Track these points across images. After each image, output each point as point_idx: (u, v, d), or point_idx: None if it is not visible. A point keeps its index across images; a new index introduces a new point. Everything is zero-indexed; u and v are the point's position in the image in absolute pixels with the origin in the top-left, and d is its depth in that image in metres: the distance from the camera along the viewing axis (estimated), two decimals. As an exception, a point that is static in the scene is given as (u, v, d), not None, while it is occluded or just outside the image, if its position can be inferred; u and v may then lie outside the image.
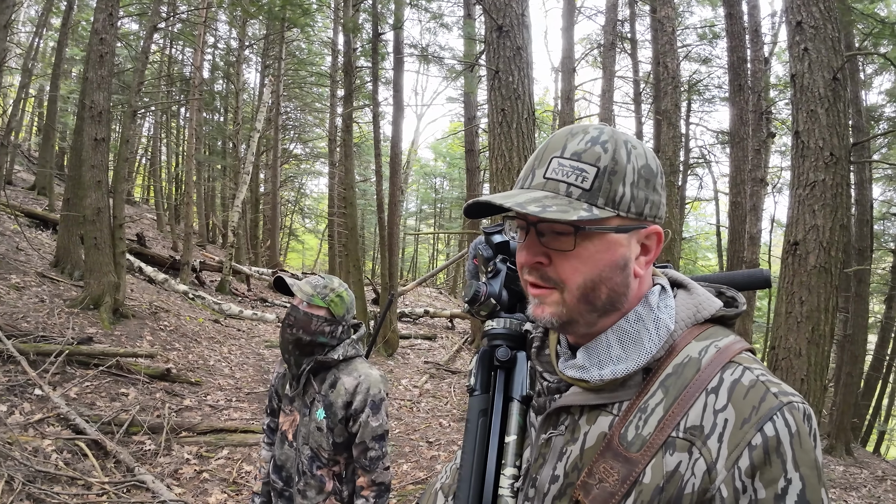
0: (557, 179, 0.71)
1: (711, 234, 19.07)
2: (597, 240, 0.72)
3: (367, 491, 1.96)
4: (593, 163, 0.71)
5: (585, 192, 0.70)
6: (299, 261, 31.46)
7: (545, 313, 0.74)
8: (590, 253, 0.72)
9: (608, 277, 0.72)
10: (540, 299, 0.75)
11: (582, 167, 0.71)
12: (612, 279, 0.73)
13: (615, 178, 0.71)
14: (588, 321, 0.75)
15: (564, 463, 0.73)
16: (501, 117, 4.22)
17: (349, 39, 10.32)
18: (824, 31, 3.99)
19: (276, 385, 2.16)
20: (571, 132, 0.74)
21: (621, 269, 0.73)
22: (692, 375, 0.68)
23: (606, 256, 0.72)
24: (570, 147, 0.72)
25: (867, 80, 11.24)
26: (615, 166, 0.71)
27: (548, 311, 0.74)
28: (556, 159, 0.72)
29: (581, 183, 0.70)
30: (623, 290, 0.74)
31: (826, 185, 3.92)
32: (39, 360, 5.19)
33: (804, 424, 0.63)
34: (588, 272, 0.72)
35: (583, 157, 0.71)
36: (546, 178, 0.72)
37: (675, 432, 0.66)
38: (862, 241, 9.57)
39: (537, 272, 0.75)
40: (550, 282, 0.74)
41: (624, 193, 0.71)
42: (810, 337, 3.76)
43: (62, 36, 11.75)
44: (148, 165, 22.56)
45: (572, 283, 0.72)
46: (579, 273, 0.72)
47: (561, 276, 0.73)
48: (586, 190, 0.70)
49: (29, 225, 10.57)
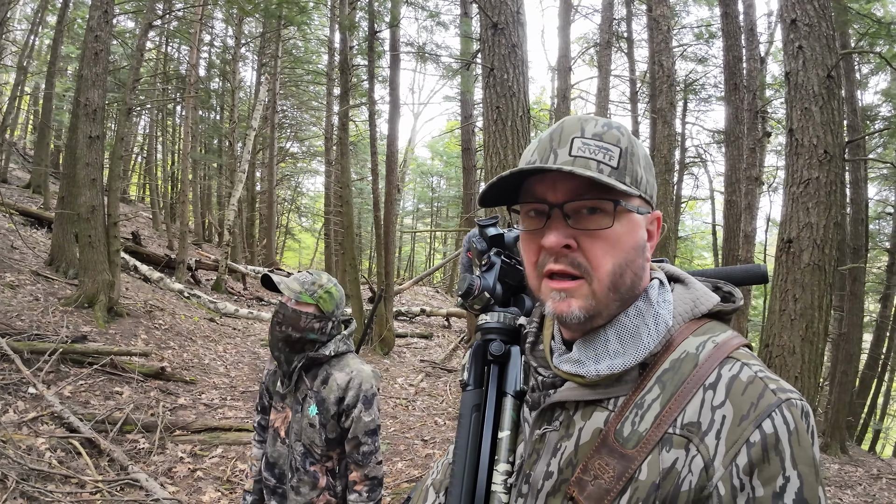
0: (586, 157, 0.70)
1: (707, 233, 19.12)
2: (625, 220, 0.71)
3: (359, 485, 1.96)
4: (615, 143, 0.71)
5: (614, 171, 0.70)
6: (296, 259, 31.40)
7: (572, 308, 0.70)
8: (619, 234, 0.70)
9: (633, 261, 0.71)
10: (567, 293, 0.71)
11: (607, 146, 0.70)
12: (635, 262, 0.72)
13: (634, 159, 0.72)
14: (610, 312, 0.72)
15: (559, 459, 0.72)
16: (496, 115, 4.21)
17: (345, 37, 10.30)
18: (819, 29, 4.00)
19: (266, 383, 2.15)
20: (583, 118, 0.74)
21: (642, 252, 0.73)
22: (689, 371, 0.67)
23: (632, 238, 0.71)
24: (589, 129, 0.72)
25: (863, 80, 11.28)
26: (633, 148, 0.72)
27: (576, 304, 0.70)
28: (579, 139, 0.71)
29: (609, 161, 0.70)
30: (642, 275, 0.74)
31: (820, 183, 3.93)
32: (33, 358, 5.16)
33: (802, 421, 0.62)
34: (617, 255, 0.70)
35: (604, 137, 0.71)
36: (573, 155, 0.70)
37: (672, 428, 0.65)
38: (857, 240, 9.62)
39: (566, 259, 0.71)
40: (580, 269, 0.70)
41: (641, 175, 0.72)
42: (804, 335, 3.77)
43: (57, 33, 11.69)
44: (144, 163, 22.48)
45: (603, 269, 0.70)
46: (610, 257, 0.70)
47: (592, 262, 0.70)
48: (615, 168, 0.70)
49: (24, 223, 10.51)
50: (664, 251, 7.23)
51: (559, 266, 0.71)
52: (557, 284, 0.71)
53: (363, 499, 1.96)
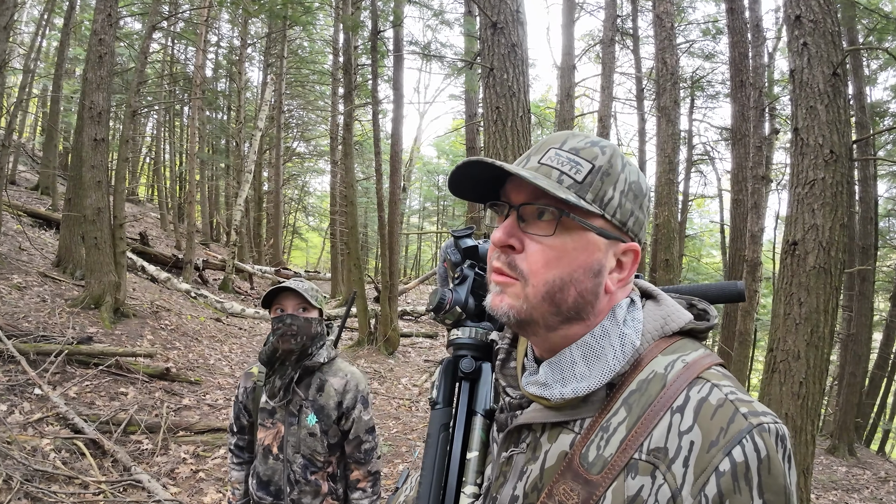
0: (551, 166, 0.70)
1: (716, 231, 18.95)
2: (576, 235, 0.69)
3: (363, 483, 2.00)
4: (589, 159, 0.70)
5: (576, 184, 0.69)
6: (303, 259, 31.53)
7: (503, 304, 0.71)
8: (567, 248, 0.69)
9: (579, 280, 0.69)
10: (502, 287, 0.71)
11: (578, 160, 0.70)
12: (582, 283, 0.69)
13: (608, 179, 0.70)
14: (548, 324, 0.71)
15: (524, 482, 0.70)
16: (496, 115, 4.19)
17: (349, 37, 10.30)
18: (824, 26, 3.93)
19: (244, 401, 2.08)
20: (574, 133, 0.74)
21: (594, 276, 0.70)
22: (657, 392, 0.65)
23: (582, 257, 0.69)
24: (570, 143, 0.72)
25: (872, 76, 11.12)
26: (609, 169, 0.70)
27: (506, 301, 0.71)
28: (554, 150, 0.71)
29: (574, 174, 0.69)
30: (591, 300, 0.71)
31: (826, 184, 3.86)
32: (39, 359, 5.22)
33: (776, 448, 0.59)
34: (560, 269, 0.69)
35: (580, 152, 0.71)
36: (540, 163, 0.71)
37: (638, 454, 0.62)
38: (866, 239, 9.49)
39: (506, 257, 0.71)
40: (516, 271, 0.70)
41: (612, 197, 0.70)
42: (809, 339, 3.71)
43: (64, 36, 11.79)
44: (152, 164, 22.63)
45: (539, 277, 0.69)
46: (550, 269, 0.69)
47: (530, 268, 0.69)
48: (577, 182, 0.69)
49: (32, 225, 10.62)
50: (668, 251, 7.17)
51: (498, 263, 0.72)
52: (496, 278, 0.73)
53: (368, 494, 2.00)
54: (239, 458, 2.13)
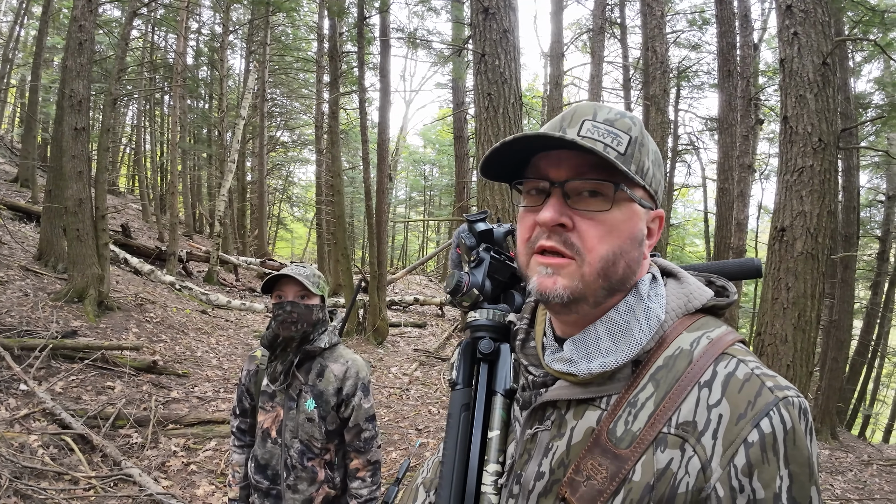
0: (594, 138, 0.68)
1: (699, 221, 19.19)
2: (625, 207, 0.69)
3: (362, 471, 1.99)
4: (626, 131, 0.70)
5: (620, 156, 0.68)
6: (288, 250, 31.27)
7: (557, 286, 0.69)
8: (617, 221, 0.69)
9: (627, 251, 0.70)
10: (554, 269, 0.69)
11: (616, 132, 0.69)
12: (630, 253, 0.70)
13: (643, 150, 0.71)
14: (597, 300, 0.70)
15: (550, 459, 0.71)
16: (488, 102, 4.16)
17: (334, 23, 10.16)
18: (814, 16, 3.97)
19: (246, 384, 2.09)
20: (598, 104, 0.73)
21: (638, 245, 0.71)
22: (684, 368, 0.66)
23: (630, 227, 0.70)
24: (601, 114, 0.71)
25: (856, 68, 11.27)
26: (643, 139, 0.71)
27: (561, 283, 0.69)
28: (589, 121, 0.70)
29: (616, 146, 0.68)
30: (635, 268, 0.72)
31: (814, 171, 3.92)
32: (24, 354, 5.11)
33: (800, 420, 0.61)
34: (613, 242, 0.68)
35: (615, 124, 0.70)
36: (581, 136, 0.69)
37: (667, 428, 0.63)
38: (849, 228, 9.67)
39: (559, 236, 0.69)
40: (572, 249, 0.68)
41: (648, 168, 0.71)
42: (796, 323, 3.78)
43: (42, 24, 11.48)
44: (132, 154, 22.20)
45: (596, 253, 0.68)
46: (605, 243, 0.68)
47: (586, 244, 0.68)
48: (621, 153, 0.68)
49: (12, 218, 10.37)
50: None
51: (550, 242, 0.69)
52: (546, 259, 0.70)
53: (367, 484, 1.98)
54: (240, 441, 2.13)
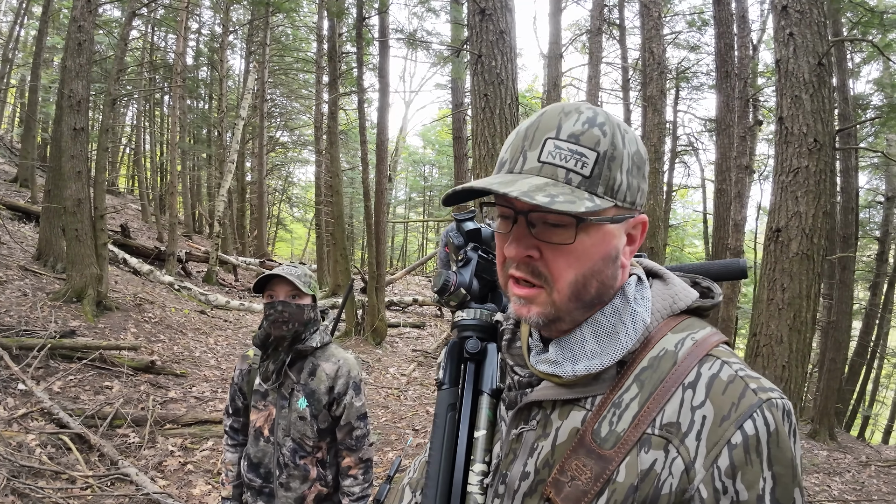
0: (555, 164, 0.66)
1: (698, 221, 19.20)
2: (593, 232, 0.67)
3: (354, 469, 1.99)
4: (593, 147, 0.66)
5: (585, 180, 0.65)
6: (287, 250, 31.28)
7: (531, 313, 0.70)
8: (585, 247, 0.67)
9: (600, 271, 0.69)
10: (526, 300, 0.70)
11: (581, 151, 0.65)
12: (603, 272, 0.69)
13: (614, 164, 0.67)
14: (574, 318, 0.71)
15: (535, 459, 0.71)
16: (484, 103, 4.17)
17: (334, 24, 10.18)
18: (810, 16, 3.98)
19: (239, 383, 2.10)
20: (564, 111, 0.69)
21: (612, 262, 0.70)
22: (668, 369, 0.66)
23: (601, 249, 0.68)
24: (566, 128, 0.67)
25: (855, 69, 11.27)
26: (614, 151, 0.67)
27: (535, 310, 0.70)
28: (552, 141, 0.67)
29: (581, 169, 0.65)
30: (612, 283, 0.71)
31: (809, 172, 3.93)
32: (22, 354, 5.12)
33: (783, 422, 0.61)
34: (581, 267, 0.68)
35: (581, 139, 0.66)
36: (541, 161, 0.66)
37: (651, 429, 0.64)
38: (847, 229, 9.68)
39: (527, 266, 0.69)
40: (540, 278, 0.69)
41: (621, 182, 0.67)
42: (792, 324, 3.79)
43: (42, 24, 11.48)
44: (132, 155, 22.20)
45: (564, 280, 0.68)
46: (572, 269, 0.68)
47: (553, 273, 0.68)
48: (586, 177, 0.66)
49: (11, 218, 10.37)
50: (653, 239, 7.24)
51: (520, 273, 0.70)
52: (518, 291, 0.71)
53: (359, 482, 1.99)
54: (233, 440, 2.14)
